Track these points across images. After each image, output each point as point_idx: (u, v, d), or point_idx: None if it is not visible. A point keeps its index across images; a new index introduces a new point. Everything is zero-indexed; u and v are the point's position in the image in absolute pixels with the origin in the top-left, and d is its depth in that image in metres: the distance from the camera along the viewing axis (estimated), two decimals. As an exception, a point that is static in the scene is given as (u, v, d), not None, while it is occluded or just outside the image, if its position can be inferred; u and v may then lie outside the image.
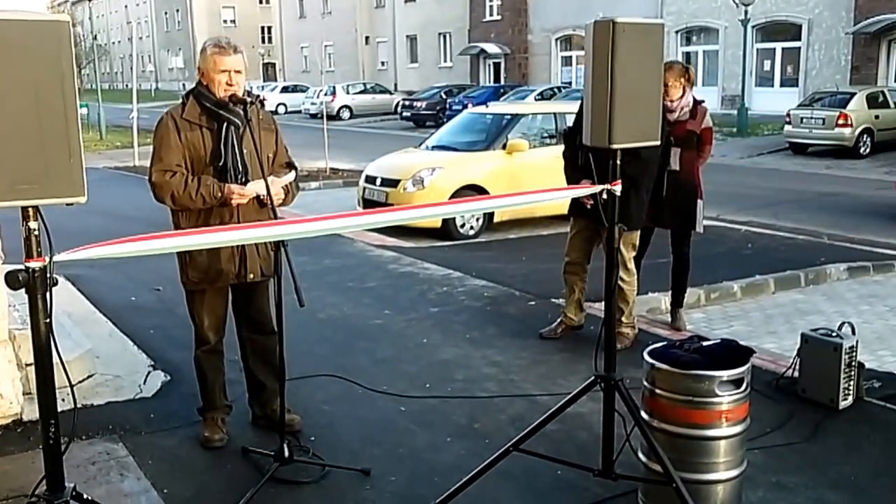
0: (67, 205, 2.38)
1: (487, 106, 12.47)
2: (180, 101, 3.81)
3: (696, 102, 5.44)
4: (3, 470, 3.68)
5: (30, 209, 2.37)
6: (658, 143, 3.33)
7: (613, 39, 2.93)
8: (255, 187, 3.64)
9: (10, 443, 3.95)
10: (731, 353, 3.26)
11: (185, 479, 3.61)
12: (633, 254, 5.34)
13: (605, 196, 3.20)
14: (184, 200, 3.62)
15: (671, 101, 5.27)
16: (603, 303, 6.00)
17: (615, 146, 3.05)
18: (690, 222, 5.63)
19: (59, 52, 2.30)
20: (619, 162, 3.17)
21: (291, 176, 3.84)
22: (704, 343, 3.37)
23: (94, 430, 4.05)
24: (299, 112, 36.74)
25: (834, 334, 4.36)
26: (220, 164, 3.66)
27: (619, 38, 2.93)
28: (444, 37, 41.26)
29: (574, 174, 5.01)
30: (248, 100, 3.63)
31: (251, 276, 3.80)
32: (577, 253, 5.41)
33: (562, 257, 5.50)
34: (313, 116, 32.67)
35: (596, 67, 3.00)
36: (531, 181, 5.89)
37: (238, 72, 3.66)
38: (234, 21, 63.38)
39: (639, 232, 5.33)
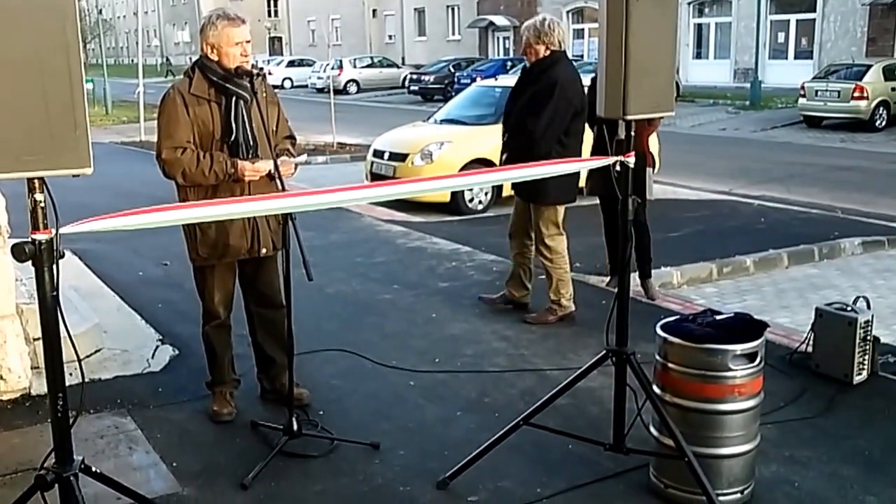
0: (74, 176, 2.35)
1: (497, 79, 12.35)
2: (184, 75, 3.76)
3: None
4: (11, 443, 3.68)
5: (35, 181, 2.34)
6: (672, 112, 3.27)
7: (627, 9, 2.89)
8: (267, 164, 3.60)
9: (19, 417, 3.96)
10: (745, 326, 3.22)
11: (194, 453, 3.61)
12: (557, 231, 5.25)
13: (618, 168, 3.15)
14: (196, 177, 3.59)
15: None
16: (603, 278, 6.03)
17: (629, 117, 3.01)
18: (640, 190, 5.55)
19: (65, 23, 2.26)
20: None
21: (303, 158, 3.82)
22: (718, 317, 3.32)
23: (103, 404, 4.05)
24: (306, 86, 36.55)
25: (849, 308, 4.31)
26: (231, 139, 3.62)
27: (634, 8, 2.90)
28: (452, 9, 40.86)
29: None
30: (255, 72, 3.59)
31: (264, 250, 3.78)
32: (512, 228, 5.42)
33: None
34: (320, 91, 32.49)
35: (610, 38, 2.96)
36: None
37: (248, 42, 3.65)
38: (239, -6, 62.82)
39: (563, 209, 5.25)
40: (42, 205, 2.35)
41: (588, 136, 5.21)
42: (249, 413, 3.94)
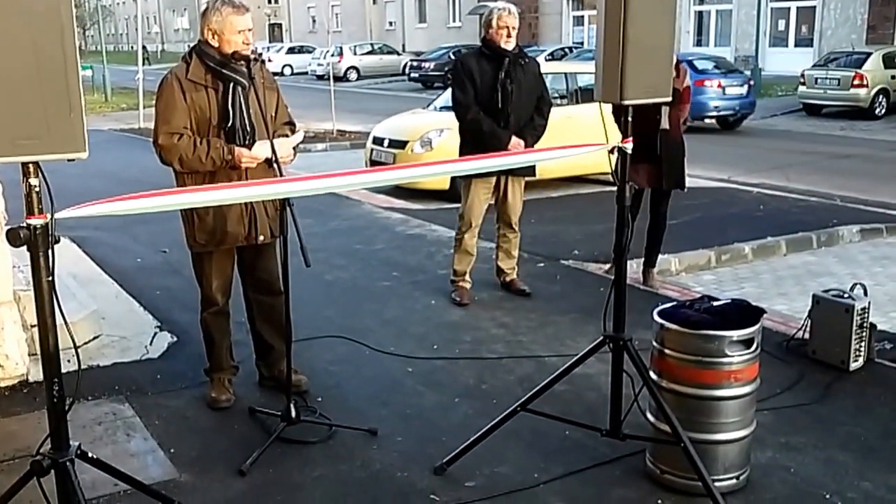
0: (69, 160, 2.34)
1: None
2: (181, 60, 3.74)
3: (678, 61, 5.39)
4: (9, 430, 3.69)
5: (30, 165, 2.32)
6: (668, 98, 3.26)
7: (626, -7, 2.86)
8: (263, 150, 3.59)
9: (16, 403, 3.97)
10: (742, 312, 3.22)
11: (192, 440, 3.61)
12: None
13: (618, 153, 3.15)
14: (193, 164, 3.57)
15: None
16: (601, 265, 6.03)
17: (626, 102, 3.00)
18: (681, 182, 5.57)
19: (59, 5, 2.24)
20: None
21: (300, 136, 3.81)
22: (715, 303, 3.32)
23: (101, 390, 4.05)
24: (306, 73, 36.42)
25: (846, 295, 4.31)
26: (229, 125, 3.61)
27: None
28: (453, -4, 40.69)
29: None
30: (252, 57, 3.57)
31: (262, 237, 3.77)
32: (479, 218, 5.43)
33: (460, 227, 5.48)
34: (320, 78, 32.37)
35: (608, 22, 2.94)
36: (541, 142, 5.89)
37: (251, 30, 3.63)
38: (239, -19, 62.44)
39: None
40: (37, 189, 2.34)
41: (588, 125, 5.23)
42: (247, 399, 3.95)
